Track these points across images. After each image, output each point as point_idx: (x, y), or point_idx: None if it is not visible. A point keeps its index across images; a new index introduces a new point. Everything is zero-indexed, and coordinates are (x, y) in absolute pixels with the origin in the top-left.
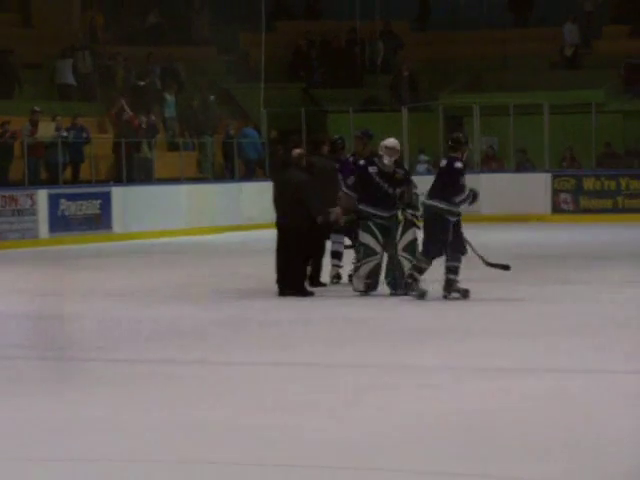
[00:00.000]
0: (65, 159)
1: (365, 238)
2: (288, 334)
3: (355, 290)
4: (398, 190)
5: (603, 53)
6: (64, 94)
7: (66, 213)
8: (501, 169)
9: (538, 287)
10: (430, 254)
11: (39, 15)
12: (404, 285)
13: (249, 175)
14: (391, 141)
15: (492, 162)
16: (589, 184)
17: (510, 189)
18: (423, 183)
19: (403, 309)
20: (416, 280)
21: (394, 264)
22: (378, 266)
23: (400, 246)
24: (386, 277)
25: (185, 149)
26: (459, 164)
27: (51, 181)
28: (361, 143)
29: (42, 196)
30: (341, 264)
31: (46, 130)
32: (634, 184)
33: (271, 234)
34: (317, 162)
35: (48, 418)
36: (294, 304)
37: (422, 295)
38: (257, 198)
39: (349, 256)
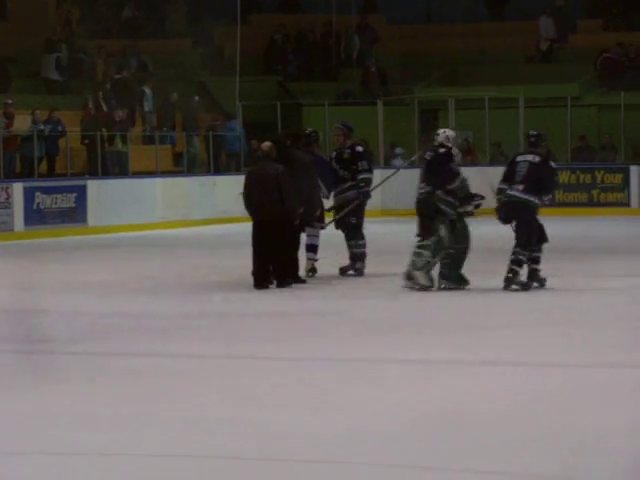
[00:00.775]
0: (41, 152)
1: (444, 234)
2: (266, 327)
3: (419, 284)
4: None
5: (578, 47)
6: (48, 88)
7: (41, 206)
8: (476, 163)
9: None
10: (529, 246)
11: (14, 8)
12: (505, 280)
13: (233, 167)
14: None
15: (467, 156)
16: (564, 178)
17: (485, 182)
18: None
19: (380, 303)
20: (517, 274)
21: (460, 257)
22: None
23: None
24: (451, 271)
25: (163, 143)
26: (554, 163)
27: (26, 174)
28: (342, 135)
29: (17, 189)
30: (316, 257)
31: (22, 123)
32: (609, 178)
33: (246, 227)
34: (297, 155)
35: (19, 412)
36: (271, 297)
37: (526, 286)
38: (232, 191)
39: (324, 249)
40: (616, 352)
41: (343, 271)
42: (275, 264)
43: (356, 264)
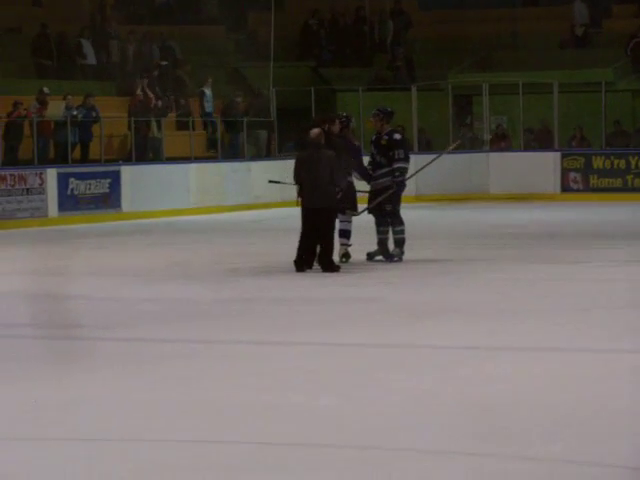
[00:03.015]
0: (75, 138)
1: None
2: (300, 313)
3: None
4: None
5: (613, 32)
6: (83, 74)
7: (75, 192)
8: (510, 148)
9: (546, 266)
10: None
11: None
12: None
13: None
14: None
15: (501, 141)
16: (598, 163)
17: (519, 168)
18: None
19: (413, 288)
20: None
21: None
22: None
23: None
24: None
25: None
26: None
27: (60, 160)
28: (379, 121)
29: (51, 175)
30: (350, 243)
31: (56, 109)
32: None
33: (280, 212)
34: (335, 140)
35: (54, 398)
36: (305, 283)
37: None
38: (266, 177)
39: (358, 235)
40: (630, 338)
41: (370, 256)
42: (321, 248)
43: (393, 250)
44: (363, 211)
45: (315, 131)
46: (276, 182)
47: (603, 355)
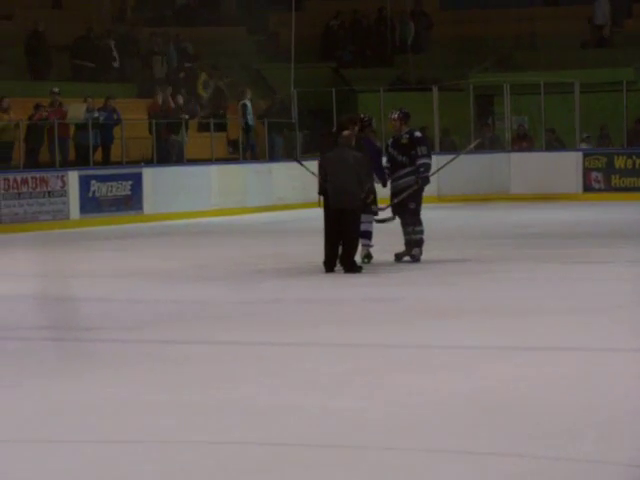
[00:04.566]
0: (96, 141)
1: None
2: (320, 313)
3: None
4: None
5: (634, 31)
6: (104, 76)
7: (97, 194)
8: (531, 148)
9: (567, 266)
10: None
11: None
12: None
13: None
14: None
15: (522, 141)
16: (620, 162)
17: (541, 168)
18: None
19: (435, 288)
20: None
21: None
22: None
23: None
24: None
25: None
26: None
27: (82, 163)
28: (398, 121)
29: (73, 177)
30: (371, 243)
31: (77, 111)
32: None
33: (302, 214)
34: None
35: (72, 400)
36: (326, 284)
37: None
38: (287, 178)
39: (378, 236)
40: None
41: (399, 257)
42: (344, 249)
43: (413, 250)
44: (387, 207)
45: (347, 132)
46: (301, 164)
47: (619, 354)
